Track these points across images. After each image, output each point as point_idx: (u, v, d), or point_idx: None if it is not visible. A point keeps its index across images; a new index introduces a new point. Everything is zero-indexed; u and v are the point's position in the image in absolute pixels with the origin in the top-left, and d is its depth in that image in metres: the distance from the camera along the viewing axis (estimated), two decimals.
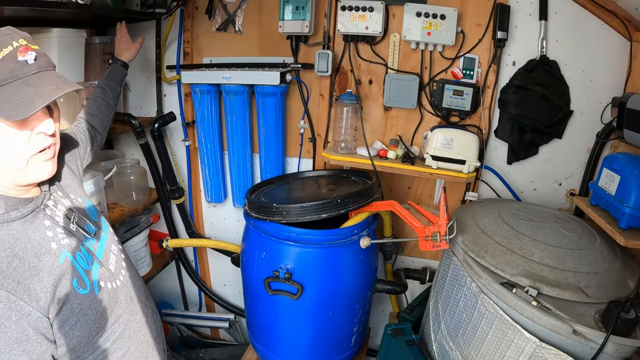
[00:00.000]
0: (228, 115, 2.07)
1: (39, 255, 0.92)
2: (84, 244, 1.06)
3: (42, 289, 0.89)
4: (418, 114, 1.91)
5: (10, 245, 0.89)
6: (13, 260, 0.87)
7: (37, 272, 0.90)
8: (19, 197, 0.95)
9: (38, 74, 0.90)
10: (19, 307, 0.85)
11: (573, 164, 1.82)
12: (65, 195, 1.11)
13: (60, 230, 1.01)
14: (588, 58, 1.69)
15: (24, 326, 0.85)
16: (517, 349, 1.20)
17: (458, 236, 1.45)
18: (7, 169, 0.92)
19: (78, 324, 0.96)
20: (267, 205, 1.57)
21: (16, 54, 0.87)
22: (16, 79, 0.87)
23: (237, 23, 2.02)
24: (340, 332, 1.72)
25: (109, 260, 1.14)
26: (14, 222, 0.92)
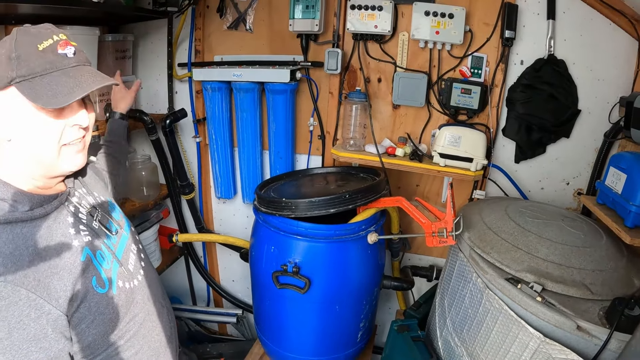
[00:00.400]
0: (238, 112, 2.10)
1: (60, 253, 0.93)
2: (105, 242, 1.07)
3: (61, 287, 0.90)
4: (426, 112, 1.92)
5: (33, 243, 0.89)
6: (35, 258, 0.88)
7: (57, 270, 0.91)
8: (44, 195, 0.97)
9: (77, 67, 0.93)
10: (38, 305, 0.86)
11: (581, 163, 1.82)
12: (89, 192, 1.14)
13: (83, 228, 1.02)
14: (596, 57, 1.69)
15: (43, 324, 0.86)
16: (521, 345, 1.21)
17: (464, 232, 1.46)
18: (39, 159, 0.94)
19: (94, 323, 0.97)
20: (276, 200, 1.60)
21: (56, 47, 0.90)
22: (56, 70, 0.90)
23: (247, 22, 2.05)
24: (347, 327, 1.74)
25: (128, 260, 1.15)
26: (38, 220, 0.93)
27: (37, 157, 0.94)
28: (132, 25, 2.24)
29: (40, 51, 0.88)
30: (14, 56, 0.86)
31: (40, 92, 0.87)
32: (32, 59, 0.87)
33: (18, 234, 0.88)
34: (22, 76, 0.87)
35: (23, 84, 0.87)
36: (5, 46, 0.88)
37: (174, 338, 1.30)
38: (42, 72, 0.88)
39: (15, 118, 0.90)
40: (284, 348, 1.78)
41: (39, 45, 0.88)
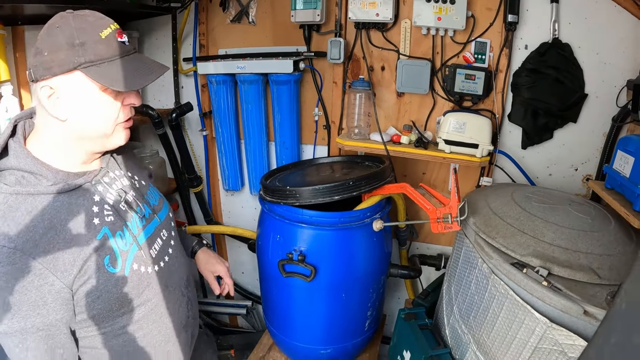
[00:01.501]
0: (244, 104, 2.12)
1: (77, 228, 0.97)
2: (128, 225, 1.09)
3: (70, 261, 0.94)
4: (431, 99, 1.91)
5: (50, 216, 0.94)
6: (49, 231, 0.92)
7: (70, 244, 0.95)
8: (68, 172, 1.02)
9: (135, 54, 1.02)
10: (43, 275, 0.90)
11: (589, 148, 1.80)
12: (124, 175, 1.17)
13: (107, 208, 1.06)
14: (602, 41, 1.66)
15: (44, 292, 0.91)
16: (527, 330, 1.20)
17: (469, 218, 1.45)
18: (93, 136, 1.02)
19: (100, 298, 1.01)
20: (281, 189, 1.60)
21: (116, 35, 0.98)
22: (121, 56, 0.97)
23: (250, 14, 2.06)
24: (354, 315, 1.74)
25: (152, 245, 1.16)
26: (60, 195, 0.98)
27: (92, 134, 1.01)
28: (136, 22, 2.26)
29: (104, 39, 0.95)
30: (78, 42, 0.92)
31: (111, 76, 0.95)
32: (98, 46, 0.94)
33: (37, 206, 0.93)
34: (90, 61, 0.93)
35: (91, 69, 0.94)
36: (64, 32, 0.93)
37: (189, 327, 1.32)
38: (110, 58, 0.96)
39: (78, 99, 0.96)
40: (292, 337, 1.79)
41: (100, 34, 0.95)
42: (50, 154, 1.00)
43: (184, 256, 1.35)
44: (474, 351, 1.40)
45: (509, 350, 1.26)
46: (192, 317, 1.33)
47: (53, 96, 0.95)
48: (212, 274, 1.54)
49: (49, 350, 0.96)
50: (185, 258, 1.35)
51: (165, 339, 1.21)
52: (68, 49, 0.92)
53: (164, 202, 1.30)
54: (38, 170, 0.96)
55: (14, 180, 0.94)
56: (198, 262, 1.57)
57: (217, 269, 1.53)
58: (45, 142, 1.00)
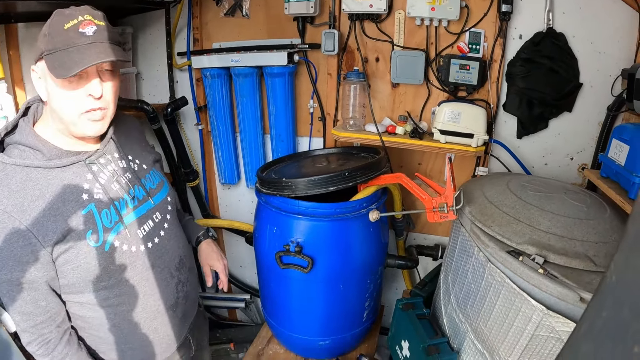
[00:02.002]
0: (239, 98, 2.11)
1: (65, 201, 1.07)
2: (116, 205, 1.16)
3: (53, 229, 1.04)
4: (425, 89, 1.91)
5: (40, 187, 1.05)
6: (37, 199, 1.03)
7: (56, 214, 1.05)
8: (64, 149, 1.12)
9: (92, 44, 1.04)
10: (27, 237, 1.02)
11: (584, 138, 1.80)
12: (122, 157, 1.24)
13: (98, 186, 1.14)
14: (596, 30, 1.66)
15: (27, 252, 1.03)
16: (524, 318, 1.20)
17: (465, 207, 1.46)
18: (65, 119, 1.09)
19: (79, 268, 1.10)
20: (277, 181, 1.61)
21: (78, 26, 1.02)
22: (72, 47, 1.02)
23: (244, 7, 2.05)
24: (352, 306, 1.75)
25: (142, 226, 1.23)
26: (54, 170, 1.08)
27: (63, 118, 1.09)
28: (130, 18, 2.24)
29: (64, 30, 1.01)
30: (47, 33, 1.02)
31: (55, 64, 1.01)
32: (57, 37, 1.01)
33: (30, 177, 1.04)
34: (48, 50, 1.02)
35: (48, 57, 1.02)
36: (46, 24, 1.04)
37: (179, 307, 1.37)
38: (62, 47, 1.01)
39: (47, 85, 1.06)
40: (290, 329, 1.80)
41: (65, 25, 1.01)
42: (50, 133, 1.11)
43: (181, 239, 1.39)
44: (472, 340, 1.41)
45: (506, 338, 1.27)
46: (182, 298, 1.37)
47: (38, 79, 1.08)
48: (209, 268, 1.55)
49: (32, 301, 1.08)
50: (181, 242, 1.40)
51: (151, 316, 1.28)
52: (41, 38, 1.03)
53: (163, 186, 1.36)
54: (36, 145, 1.08)
55: (16, 153, 1.07)
56: (200, 252, 1.58)
57: (214, 265, 1.55)
58: (45, 122, 1.12)
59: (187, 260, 1.42)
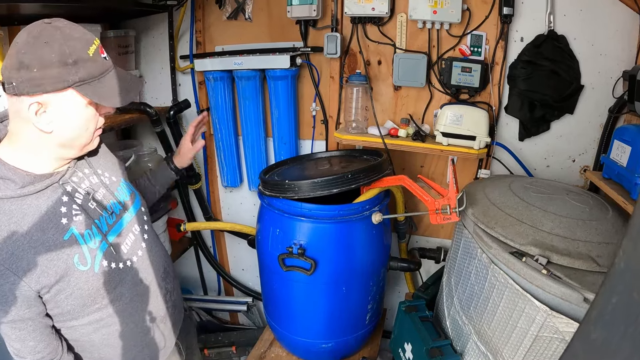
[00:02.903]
0: (241, 101, 2.12)
1: (44, 229, 1.01)
2: (97, 223, 1.13)
3: (34, 261, 0.99)
4: (427, 92, 1.92)
5: (16, 219, 0.98)
6: (14, 233, 0.97)
7: (36, 245, 0.99)
8: (36, 174, 1.03)
9: (115, 70, 1.08)
10: (5, 275, 0.96)
11: (586, 139, 1.81)
12: (93, 172, 1.19)
13: (76, 207, 1.09)
14: (597, 32, 1.67)
15: (5, 291, 0.97)
16: (528, 319, 1.20)
17: (468, 208, 1.46)
18: (74, 145, 1.08)
19: (73, 295, 1.06)
20: (280, 183, 1.61)
21: (99, 52, 1.03)
22: (106, 73, 1.04)
23: (246, 11, 2.06)
24: (355, 309, 1.75)
25: (124, 241, 1.20)
26: (28, 197, 1.01)
27: (73, 143, 1.07)
28: (133, 21, 2.26)
29: (92, 57, 1.00)
30: (72, 61, 0.96)
31: (102, 93, 1.02)
32: (88, 65, 0.99)
33: (3, 210, 0.97)
34: (82, 80, 0.98)
35: (83, 87, 0.99)
36: (53, 49, 0.94)
37: (169, 317, 1.36)
38: (99, 75, 1.01)
39: (66, 114, 1.01)
40: (293, 332, 1.80)
41: (88, 51, 0.99)
42: (21, 158, 1.02)
43: (161, 248, 1.39)
44: (475, 342, 1.41)
45: (509, 339, 1.27)
46: (171, 307, 1.37)
47: (40, 111, 0.97)
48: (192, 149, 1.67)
49: (19, 340, 1.04)
50: (161, 250, 1.39)
51: (144, 330, 1.26)
52: (60, 66, 0.95)
53: (135, 196, 1.33)
54: (6, 175, 0.99)
55: None
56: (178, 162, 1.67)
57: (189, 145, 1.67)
58: (18, 147, 1.03)
59: (170, 268, 1.41)
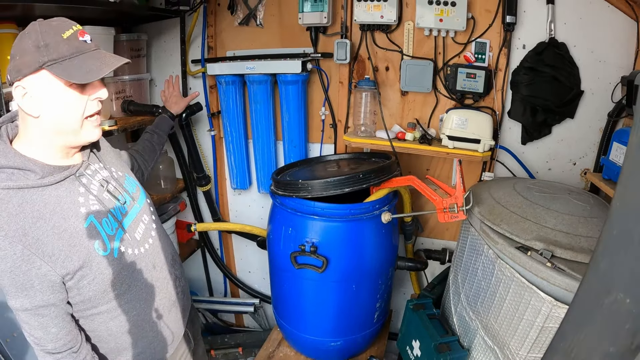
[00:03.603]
0: (252, 104, 2.18)
1: (65, 217, 1.06)
2: (112, 212, 1.18)
3: (59, 246, 1.03)
4: (433, 97, 1.98)
5: (39, 207, 1.02)
6: (38, 220, 1.01)
7: (59, 231, 1.03)
8: (54, 165, 1.09)
9: (97, 51, 1.07)
10: (31, 260, 0.99)
11: (586, 143, 1.87)
12: (104, 167, 1.25)
13: (92, 197, 1.14)
14: (596, 39, 1.74)
15: (31, 277, 1.00)
16: (534, 311, 1.25)
17: (474, 207, 1.51)
18: (64, 131, 1.07)
19: (95, 280, 1.10)
20: (293, 182, 1.67)
21: (77, 35, 1.04)
22: (82, 53, 1.04)
23: (258, 17, 2.13)
24: (364, 306, 1.79)
25: (137, 229, 1.26)
26: (48, 187, 1.05)
27: (62, 128, 1.07)
28: (145, 25, 2.32)
29: (65, 39, 1.01)
30: (43, 44, 0.99)
31: (73, 72, 1.01)
32: (60, 46, 1.00)
33: (27, 199, 1.01)
34: (53, 60, 1.00)
35: (54, 67, 1.00)
36: (31, 37, 1.00)
37: (179, 302, 1.41)
38: (71, 55, 1.02)
39: (46, 96, 1.03)
40: (302, 330, 1.84)
41: (63, 35, 1.01)
42: (34, 151, 1.07)
43: (167, 237, 1.43)
44: (482, 336, 1.46)
45: (516, 331, 1.31)
46: (181, 293, 1.42)
47: (26, 95, 1.02)
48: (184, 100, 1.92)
49: (41, 327, 1.06)
50: (168, 239, 1.44)
51: (158, 316, 1.30)
52: (34, 51, 0.99)
53: (140, 189, 1.38)
54: (26, 166, 1.04)
55: (5, 177, 1.02)
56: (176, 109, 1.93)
57: None
58: (28, 140, 1.08)
59: (176, 256, 1.46)
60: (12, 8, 1.53)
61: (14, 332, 1.56)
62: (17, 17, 1.66)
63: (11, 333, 1.57)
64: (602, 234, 0.43)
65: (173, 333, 1.38)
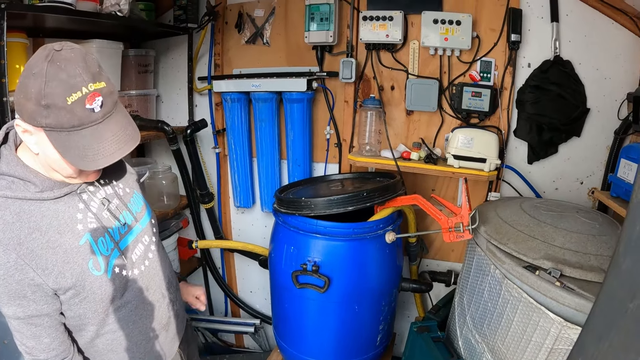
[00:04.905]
0: (257, 122, 2.19)
1: (61, 232, 1.03)
2: (110, 231, 1.15)
3: (53, 261, 1.00)
4: (439, 116, 1.98)
5: (36, 219, 1.00)
6: (34, 232, 0.99)
7: (54, 246, 1.01)
8: (55, 180, 1.05)
9: (103, 122, 0.98)
10: (24, 270, 0.97)
11: (593, 162, 1.86)
12: (108, 184, 1.22)
13: (91, 215, 1.11)
14: (601, 57, 1.75)
15: (24, 286, 0.98)
16: (542, 332, 1.21)
17: (481, 226, 1.49)
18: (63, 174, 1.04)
19: (86, 300, 1.08)
20: (296, 200, 1.65)
21: (84, 101, 0.93)
22: (83, 127, 0.95)
23: (265, 36, 2.16)
24: (366, 329, 1.75)
25: (134, 250, 1.23)
26: (47, 202, 1.03)
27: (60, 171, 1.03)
28: (153, 42, 2.36)
29: (69, 105, 0.92)
30: (44, 104, 0.91)
31: (69, 148, 0.95)
32: (61, 113, 0.92)
33: (25, 209, 0.99)
34: (50, 126, 0.93)
35: (52, 134, 0.94)
36: (36, 83, 0.91)
37: (171, 326, 1.37)
38: (70, 128, 0.94)
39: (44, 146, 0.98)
40: (303, 352, 1.79)
41: (68, 98, 0.91)
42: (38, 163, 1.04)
43: (166, 259, 1.40)
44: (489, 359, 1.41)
45: (524, 354, 1.27)
46: (173, 316, 1.38)
47: (27, 133, 0.97)
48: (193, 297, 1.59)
49: (33, 337, 1.04)
50: (166, 261, 1.40)
51: (146, 338, 1.27)
52: (35, 105, 0.92)
53: (146, 208, 1.34)
54: (27, 177, 1.01)
55: (5, 185, 0.99)
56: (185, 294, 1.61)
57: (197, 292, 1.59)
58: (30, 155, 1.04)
59: (173, 279, 1.43)
60: (22, 18, 1.55)
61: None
62: (27, 27, 1.69)
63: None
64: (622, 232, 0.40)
65: (165, 354, 1.34)
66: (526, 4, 1.79)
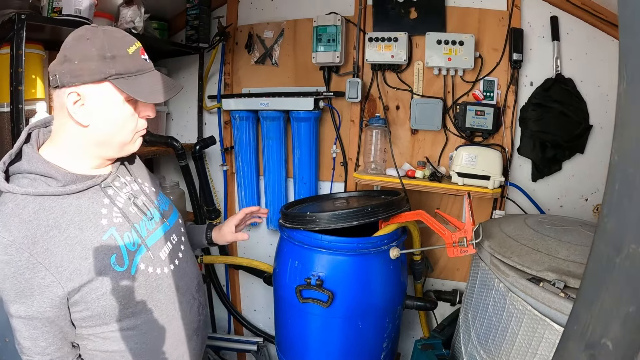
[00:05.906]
0: (265, 140, 2.23)
1: (82, 228, 1.02)
2: (136, 227, 1.13)
3: (68, 258, 0.99)
4: (443, 135, 2.01)
5: (56, 217, 0.99)
6: (51, 230, 0.97)
7: (72, 243, 0.99)
8: (77, 174, 1.06)
9: (154, 71, 1.11)
10: (36, 269, 0.96)
11: (597, 178, 1.86)
12: (134, 180, 1.23)
13: (116, 210, 1.10)
14: (602, 73, 1.78)
15: (33, 285, 0.96)
16: (548, 345, 1.20)
17: (484, 241, 1.49)
18: (112, 143, 1.09)
19: (105, 296, 1.04)
20: (301, 215, 1.66)
21: (139, 53, 1.07)
22: (145, 72, 1.07)
23: (274, 56, 2.23)
24: (370, 345, 1.73)
25: (162, 248, 1.20)
26: (70, 196, 1.03)
27: (111, 140, 1.08)
28: (165, 60, 2.44)
29: (131, 54, 1.04)
30: (110, 55, 1.00)
31: (138, 89, 1.04)
32: (126, 61, 1.02)
33: (45, 206, 0.98)
34: (119, 74, 1.01)
35: (120, 81, 1.02)
36: (94, 44, 1.00)
37: (200, 331, 1.34)
38: (136, 72, 1.04)
39: (103, 108, 1.03)
40: None
41: (128, 49, 1.04)
42: (62, 157, 1.06)
43: (194, 261, 1.38)
44: None
45: None
46: (203, 322, 1.36)
47: (78, 102, 1.01)
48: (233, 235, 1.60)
49: (31, 338, 1.01)
50: (194, 263, 1.38)
51: (177, 342, 1.22)
52: (99, 60, 0.99)
53: (173, 208, 1.35)
54: (48, 172, 1.01)
55: (26, 183, 1.00)
56: (215, 236, 1.62)
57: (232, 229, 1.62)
58: (60, 146, 1.06)
59: (201, 282, 1.40)
60: (40, 30, 1.60)
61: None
62: (44, 39, 1.74)
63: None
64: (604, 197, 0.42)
65: None
66: (527, 23, 1.84)
